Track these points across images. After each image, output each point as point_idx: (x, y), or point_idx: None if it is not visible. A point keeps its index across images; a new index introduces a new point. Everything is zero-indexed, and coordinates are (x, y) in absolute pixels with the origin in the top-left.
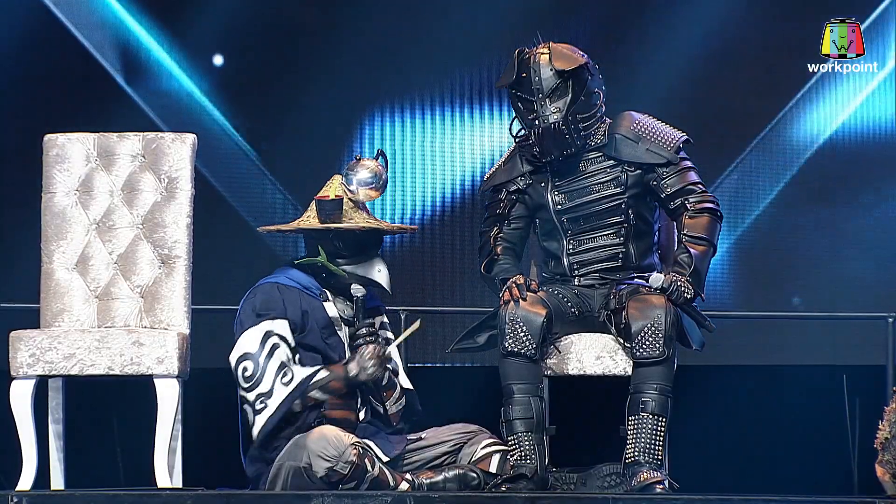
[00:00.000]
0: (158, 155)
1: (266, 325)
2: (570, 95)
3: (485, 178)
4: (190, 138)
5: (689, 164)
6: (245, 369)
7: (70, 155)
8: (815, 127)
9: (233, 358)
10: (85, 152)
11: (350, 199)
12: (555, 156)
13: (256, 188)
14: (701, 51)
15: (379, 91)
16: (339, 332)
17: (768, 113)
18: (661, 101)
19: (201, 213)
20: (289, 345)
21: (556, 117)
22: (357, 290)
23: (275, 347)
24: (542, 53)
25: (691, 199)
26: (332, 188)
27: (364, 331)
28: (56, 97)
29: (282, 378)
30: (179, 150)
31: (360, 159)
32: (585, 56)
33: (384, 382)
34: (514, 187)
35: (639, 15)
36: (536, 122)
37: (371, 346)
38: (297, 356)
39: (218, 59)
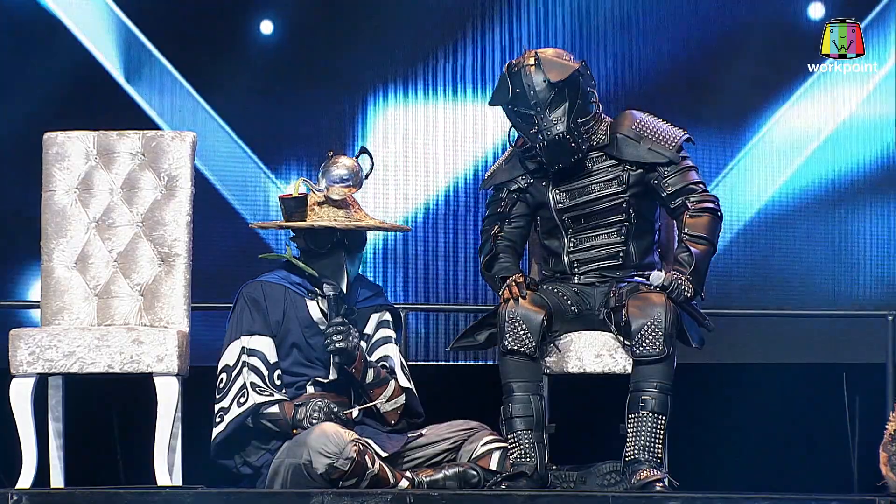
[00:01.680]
0: (158, 153)
1: (244, 341)
2: (567, 102)
3: (485, 177)
4: (190, 136)
5: (690, 163)
6: (221, 380)
7: (70, 153)
8: (814, 126)
9: (218, 368)
10: (85, 150)
11: (325, 195)
12: (564, 164)
13: (256, 186)
14: (701, 49)
15: (377, 91)
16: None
17: (768, 111)
18: (661, 98)
19: (201, 211)
20: (266, 361)
21: (559, 128)
22: (328, 288)
23: (244, 366)
24: (532, 65)
25: (692, 199)
26: (295, 185)
27: (331, 330)
28: (56, 95)
29: (240, 398)
30: (179, 148)
31: (331, 155)
32: (574, 59)
33: (370, 380)
34: (515, 186)
35: (639, 12)
36: (539, 135)
37: (323, 403)
38: (277, 372)
39: (267, 27)
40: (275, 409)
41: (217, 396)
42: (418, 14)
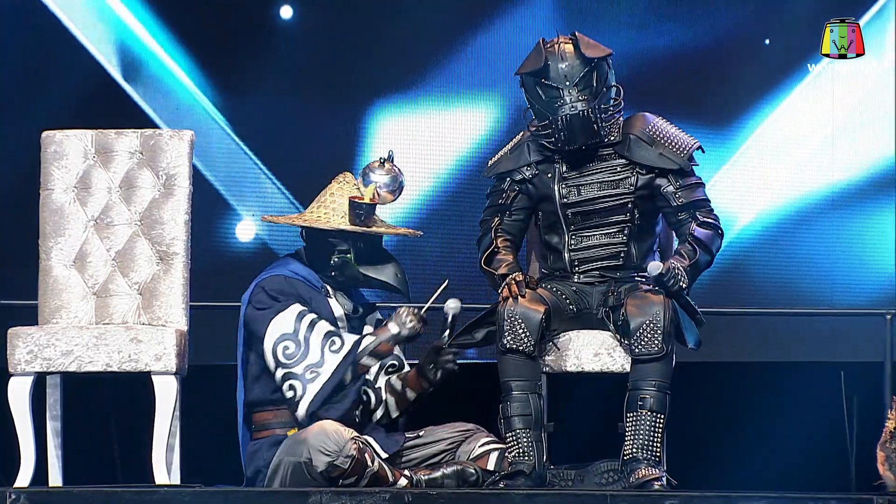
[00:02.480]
0: (156, 152)
1: (296, 307)
2: (594, 86)
3: (488, 165)
4: (188, 135)
5: (698, 178)
6: (286, 348)
7: (68, 152)
8: (813, 125)
9: (268, 344)
10: (83, 149)
11: (377, 202)
12: (580, 143)
13: (254, 184)
14: (701, 48)
15: (376, 89)
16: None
17: (767, 111)
18: (659, 97)
19: (199, 209)
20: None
21: (583, 105)
22: (453, 307)
23: (314, 321)
24: (567, 43)
25: (698, 214)
26: (369, 190)
27: (454, 349)
28: (55, 94)
29: (330, 346)
30: (177, 146)
31: (383, 163)
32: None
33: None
34: (520, 177)
35: (640, 10)
36: (563, 109)
37: (405, 307)
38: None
39: (287, 12)
40: (369, 339)
41: (289, 362)
42: (433, 13)
